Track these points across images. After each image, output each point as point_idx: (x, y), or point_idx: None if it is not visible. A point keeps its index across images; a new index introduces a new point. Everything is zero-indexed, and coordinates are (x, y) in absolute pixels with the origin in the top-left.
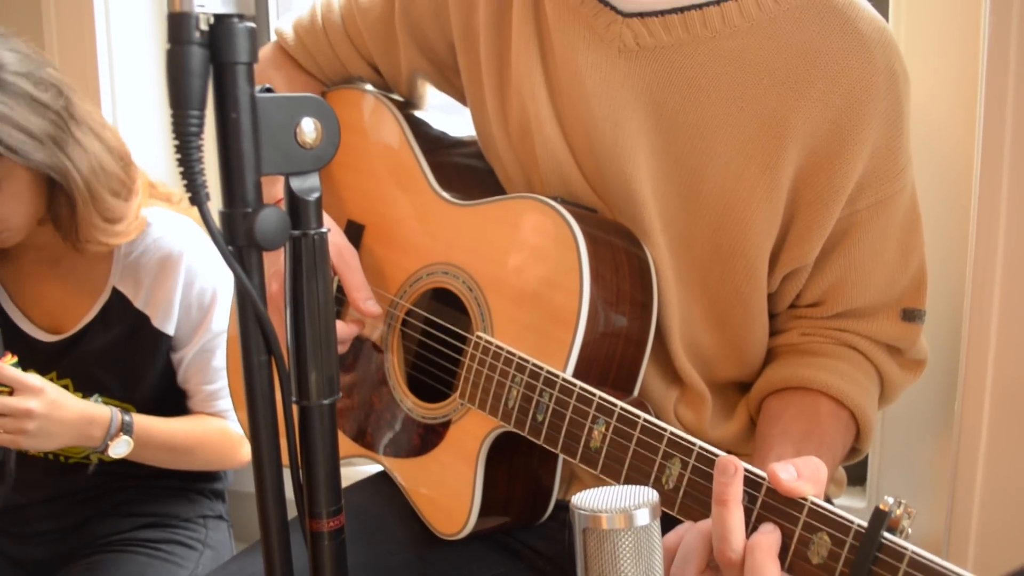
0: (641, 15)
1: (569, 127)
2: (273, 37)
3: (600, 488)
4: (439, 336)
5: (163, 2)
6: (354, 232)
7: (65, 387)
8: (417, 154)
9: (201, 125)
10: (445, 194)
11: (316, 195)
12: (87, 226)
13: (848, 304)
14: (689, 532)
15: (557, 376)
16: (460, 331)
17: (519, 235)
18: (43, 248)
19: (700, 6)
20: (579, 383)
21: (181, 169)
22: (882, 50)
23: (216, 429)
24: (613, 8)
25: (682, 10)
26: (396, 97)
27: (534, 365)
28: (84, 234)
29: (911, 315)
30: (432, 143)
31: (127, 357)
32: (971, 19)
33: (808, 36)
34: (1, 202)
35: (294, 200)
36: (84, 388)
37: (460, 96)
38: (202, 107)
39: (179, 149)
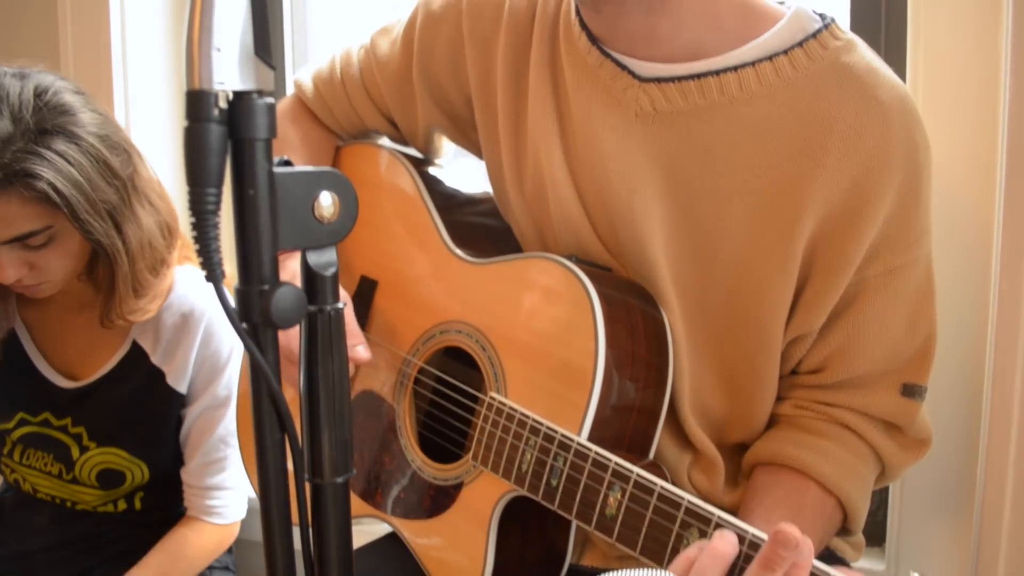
0: (658, 80)
1: (584, 188)
2: (289, 87)
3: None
4: (451, 396)
5: (178, 9)
6: (367, 288)
7: (79, 435)
8: (431, 211)
9: (218, 203)
10: (459, 252)
11: (333, 270)
12: (121, 305)
13: (848, 373)
14: (704, 553)
15: (572, 440)
16: (473, 391)
17: (533, 295)
18: (71, 295)
19: (717, 72)
20: (594, 447)
21: (197, 247)
22: (901, 118)
23: (194, 545)
24: (631, 73)
25: (699, 76)
26: (412, 152)
27: (548, 428)
28: (116, 312)
29: (911, 391)
30: (446, 200)
31: (140, 412)
32: (991, 82)
33: (826, 103)
34: (50, 256)
35: (311, 275)
36: (98, 438)
37: (476, 150)
38: (219, 184)
39: (195, 227)
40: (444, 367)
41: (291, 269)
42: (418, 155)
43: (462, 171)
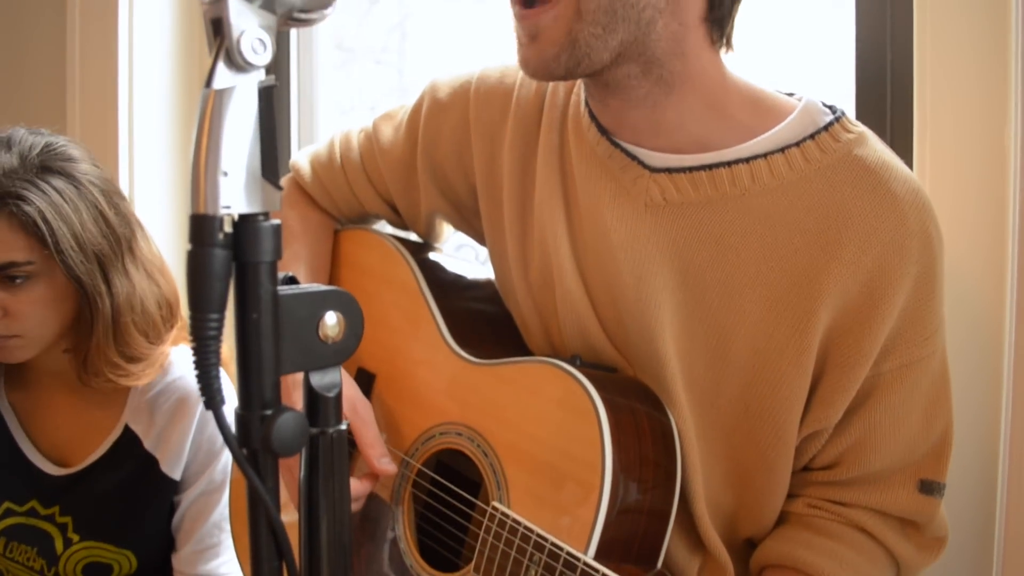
0: (669, 171)
1: (591, 280)
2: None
3: None
4: (451, 502)
5: (186, 45)
6: (365, 381)
7: (65, 525)
8: (431, 304)
9: (220, 328)
10: (460, 350)
11: (336, 391)
12: (100, 357)
13: (863, 469)
14: None
15: (578, 560)
16: (475, 500)
17: (537, 402)
18: (60, 376)
19: (728, 163)
20: (601, 568)
21: (197, 372)
22: (916, 213)
23: None
24: (640, 163)
25: (710, 167)
26: (412, 237)
27: (553, 545)
28: (94, 366)
29: (929, 487)
30: (446, 288)
31: (131, 500)
32: (998, 169)
33: (840, 196)
34: (27, 300)
35: (313, 397)
36: (84, 531)
37: (479, 238)
38: (222, 310)
39: (196, 352)
40: (443, 470)
41: None
42: (417, 239)
43: (462, 254)
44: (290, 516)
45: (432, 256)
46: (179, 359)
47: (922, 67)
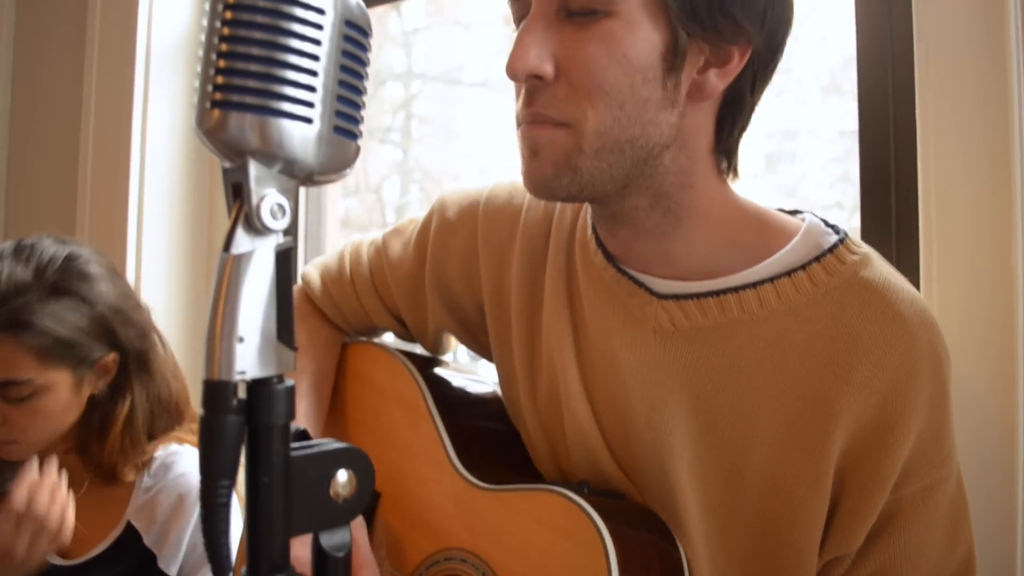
0: (677, 297)
1: (600, 406)
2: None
3: None
4: None
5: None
6: (370, 500)
7: None
8: (438, 423)
9: (230, 494)
10: (467, 473)
11: (345, 552)
12: (103, 458)
13: None
14: None
15: None
16: None
17: (544, 532)
18: (68, 471)
19: (736, 289)
20: None
21: (206, 540)
22: (925, 334)
23: None
24: (648, 289)
25: (718, 293)
26: (419, 351)
27: None
28: (96, 464)
29: None
30: (453, 405)
31: None
32: (1006, 284)
33: (848, 319)
34: (28, 413)
35: (322, 558)
36: None
37: (487, 355)
38: (233, 476)
39: (204, 519)
40: None
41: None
42: (424, 352)
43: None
44: None
45: (439, 371)
46: (182, 457)
47: (927, 176)
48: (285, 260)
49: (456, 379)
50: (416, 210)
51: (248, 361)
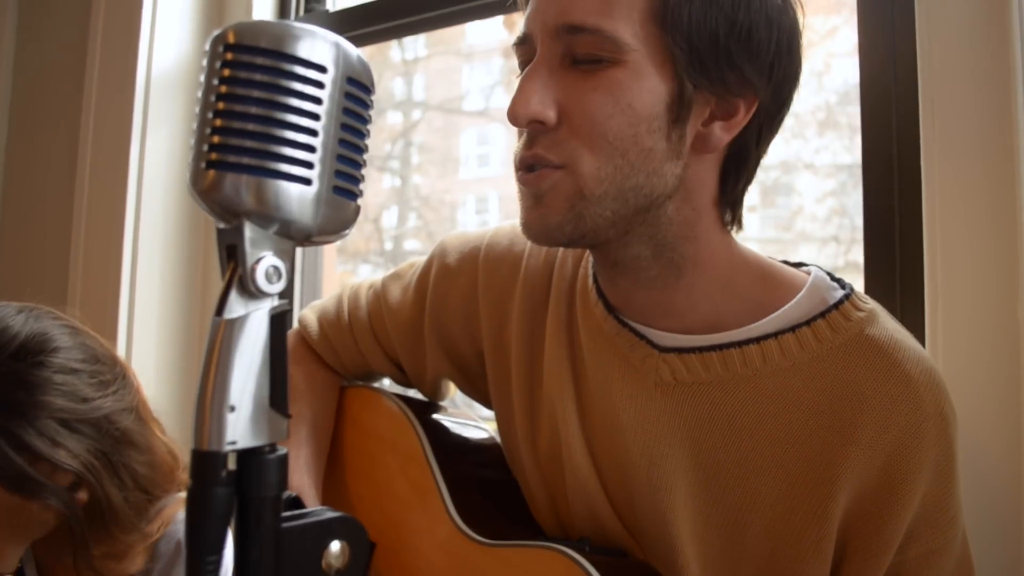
0: (679, 351)
1: (601, 458)
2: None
3: None
4: None
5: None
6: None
7: None
8: (436, 474)
9: (218, 569)
10: (465, 527)
11: None
12: (82, 560)
13: None
14: None
15: None
16: None
17: None
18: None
19: (739, 344)
20: None
21: None
22: (931, 394)
23: None
24: (649, 342)
25: (721, 347)
26: (417, 395)
27: None
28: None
29: None
30: (452, 453)
31: None
32: (1012, 340)
33: (854, 378)
34: None
35: None
36: None
37: (487, 403)
38: (221, 550)
39: None
40: None
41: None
42: (423, 398)
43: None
44: None
45: (438, 417)
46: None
47: (932, 229)
48: (280, 324)
49: (455, 425)
50: (414, 239)
51: (239, 431)
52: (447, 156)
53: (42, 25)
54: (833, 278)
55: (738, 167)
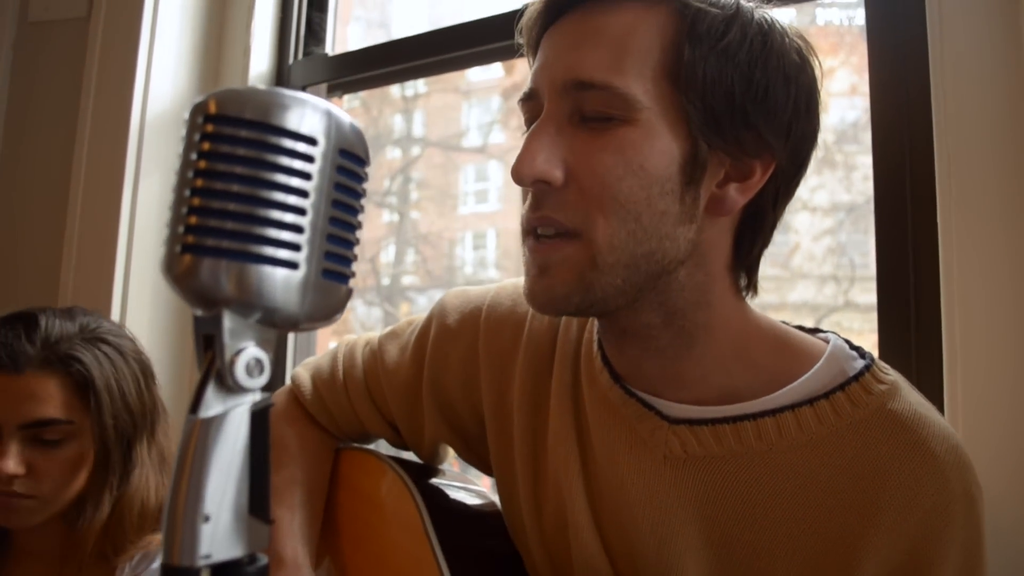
0: (689, 422)
1: (609, 534)
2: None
3: None
4: None
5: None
6: None
7: None
8: (434, 546)
9: None
10: None
11: None
12: (89, 539)
13: None
14: None
15: None
16: None
17: None
18: (43, 557)
19: (753, 416)
20: None
21: None
22: (958, 473)
23: None
24: (658, 413)
25: (734, 420)
26: (412, 458)
27: None
28: (81, 546)
29: None
30: (450, 521)
31: None
32: None
33: (875, 455)
34: (54, 462)
35: None
36: None
37: (487, 469)
38: None
39: None
40: None
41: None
42: (419, 461)
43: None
44: None
45: (436, 481)
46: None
47: (950, 289)
48: (262, 421)
49: (454, 491)
50: (412, 275)
51: (215, 542)
52: (446, 192)
53: (36, 64)
54: (852, 346)
55: (754, 231)
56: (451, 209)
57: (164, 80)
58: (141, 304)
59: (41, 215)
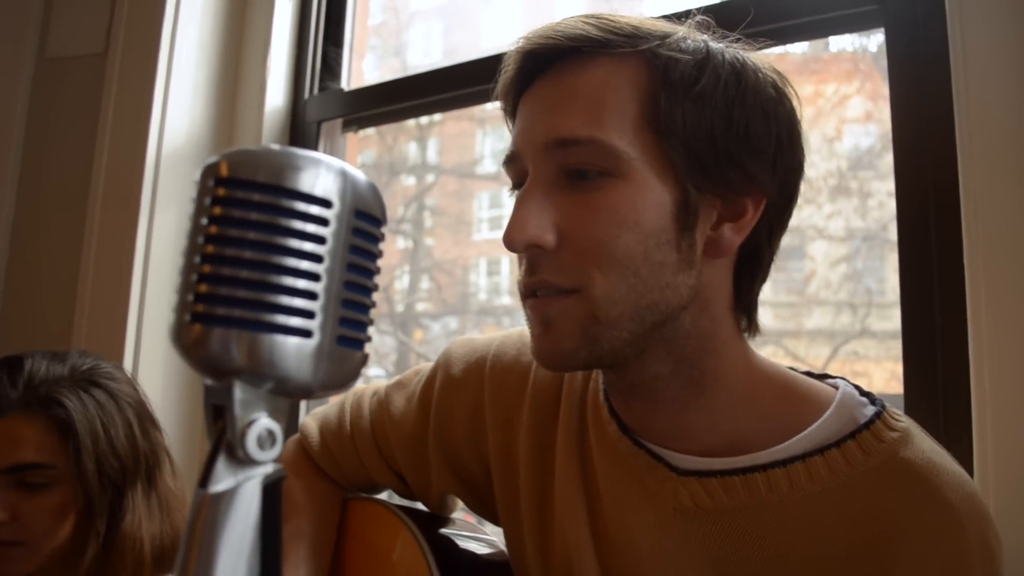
0: (699, 474)
1: None
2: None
3: None
4: None
5: None
6: None
7: None
8: None
9: None
10: None
11: None
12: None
13: None
14: None
15: None
16: None
17: None
18: None
19: (763, 467)
20: None
21: None
22: (975, 523)
23: None
24: (667, 464)
25: (744, 471)
26: (420, 507)
27: None
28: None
29: None
30: (458, 571)
31: None
32: None
33: (889, 506)
34: (39, 507)
35: None
36: None
37: (494, 519)
38: None
39: None
40: None
41: None
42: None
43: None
44: None
45: (445, 532)
46: None
47: (979, 339)
48: (274, 495)
49: (462, 541)
50: (426, 302)
51: None
52: (460, 219)
53: (54, 100)
54: (862, 392)
55: (752, 267)
56: (465, 236)
57: (180, 116)
58: (154, 346)
59: (57, 252)
